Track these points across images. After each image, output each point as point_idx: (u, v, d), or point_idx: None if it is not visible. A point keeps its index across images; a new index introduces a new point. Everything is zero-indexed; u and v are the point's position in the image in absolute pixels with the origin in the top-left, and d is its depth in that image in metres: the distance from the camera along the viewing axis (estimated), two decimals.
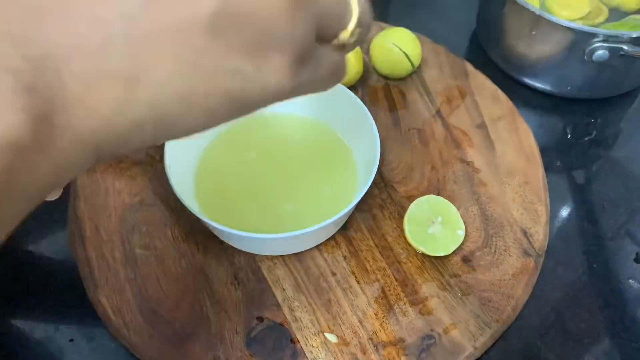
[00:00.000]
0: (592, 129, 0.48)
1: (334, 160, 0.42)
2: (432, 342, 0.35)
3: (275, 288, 0.37)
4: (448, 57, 0.50)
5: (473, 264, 0.38)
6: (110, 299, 0.36)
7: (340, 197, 0.39)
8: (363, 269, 0.38)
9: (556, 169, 0.45)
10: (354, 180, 0.40)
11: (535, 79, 0.50)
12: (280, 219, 0.38)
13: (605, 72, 0.46)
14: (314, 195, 0.40)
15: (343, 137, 0.42)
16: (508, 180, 0.43)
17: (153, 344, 0.34)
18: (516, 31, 0.48)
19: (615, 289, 0.39)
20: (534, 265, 0.38)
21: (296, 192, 0.40)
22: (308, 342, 0.35)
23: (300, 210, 0.39)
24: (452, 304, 0.36)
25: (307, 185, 0.40)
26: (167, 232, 0.39)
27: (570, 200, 0.44)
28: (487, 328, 0.36)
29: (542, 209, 0.41)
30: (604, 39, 0.42)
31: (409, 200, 0.41)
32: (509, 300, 0.37)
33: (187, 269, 0.38)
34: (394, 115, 0.46)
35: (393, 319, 0.36)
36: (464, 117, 0.46)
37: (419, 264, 0.38)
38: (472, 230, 0.40)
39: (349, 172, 0.41)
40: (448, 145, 0.44)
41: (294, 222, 0.38)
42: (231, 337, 0.35)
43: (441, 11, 0.58)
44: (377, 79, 0.49)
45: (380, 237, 0.39)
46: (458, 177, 0.43)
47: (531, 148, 0.44)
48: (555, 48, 0.45)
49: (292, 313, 0.36)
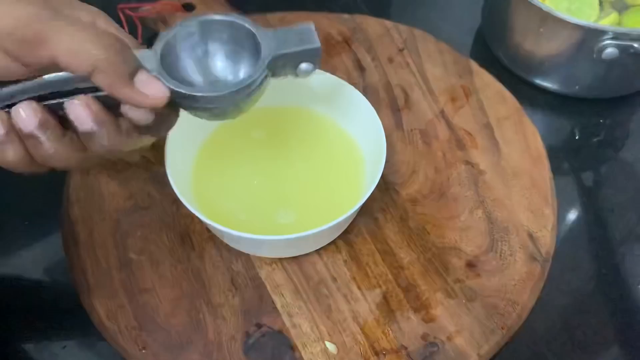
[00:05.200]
0: (601, 130, 0.47)
1: (340, 158, 0.41)
2: (436, 349, 0.34)
3: (274, 294, 0.36)
4: (452, 55, 0.49)
5: (478, 269, 0.37)
6: (104, 305, 0.35)
7: (344, 198, 0.38)
8: (364, 274, 0.37)
9: (564, 170, 0.44)
10: (359, 181, 0.39)
11: (543, 77, 0.49)
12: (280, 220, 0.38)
13: (615, 71, 0.45)
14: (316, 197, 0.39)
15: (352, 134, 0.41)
16: (514, 182, 0.42)
17: (148, 351, 0.34)
18: (523, 28, 0.47)
19: (624, 295, 0.38)
20: (541, 270, 0.38)
21: (297, 193, 0.39)
22: (308, 350, 0.34)
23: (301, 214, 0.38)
24: (456, 311, 0.36)
25: (310, 185, 0.39)
26: (162, 237, 0.38)
27: (578, 203, 0.43)
28: (492, 335, 0.35)
29: (549, 212, 0.40)
30: (614, 36, 0.41)
31: (411, 204, 0.40)
32: (515, 306, 0.36)
33: (183, 274, 0.37)
34: (396, 115, 0.45)
35: (395, 326, 0.35)
36: (468, 117, 0.45)
37: (422, 269, 0.37)
38: (476, 235, 0.39)
39: (355, 172, 0.40)
40: (452, 146, 0.44)
41: (294, 224, 0.37)
42: (229, 344, 0.34)
43: (445, 8, 0.57)
44: (378, 79, 0.48)
45: (382, 242, 0.38)
46: (462, 179, 0.42)
47: (538, 149, 0.43)
48: (563, 46, 0.44)
49: (291, 319, 0.35)
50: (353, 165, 0.40)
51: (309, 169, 0.40)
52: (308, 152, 0.41)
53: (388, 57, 0.49)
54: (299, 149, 0.41)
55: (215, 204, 0.38)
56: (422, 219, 0.40)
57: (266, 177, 0.39)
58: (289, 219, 0.38)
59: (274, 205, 0.38)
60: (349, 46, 0.50)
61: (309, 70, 0.30)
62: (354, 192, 0.38)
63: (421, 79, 0.48)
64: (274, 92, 0.41)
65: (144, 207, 0.39)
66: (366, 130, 0.39)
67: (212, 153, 0.40)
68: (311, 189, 0.39)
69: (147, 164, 0.42)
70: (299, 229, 0.33)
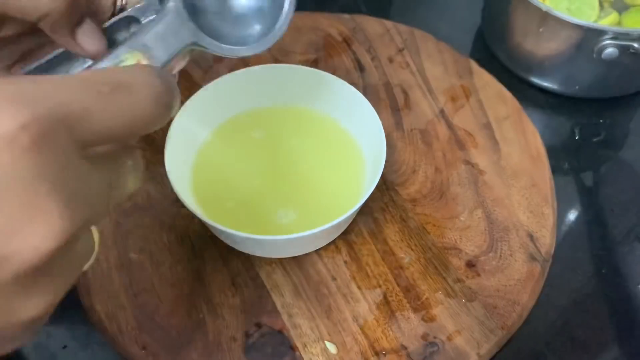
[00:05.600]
0: (600, 130, 0.47)
1: (340, 158, 0.40)
2: (436, 349, 0.34)
3: (274, 294, 0.36)
4: (452, 55, 0.49)
5: (477, 269, 0.37)
6: (104, 305, 0.35)
7: (344, 198, 0.38)
8: (364, 274, 0.37)
9: (564, 170, 0.44)
10: (359, 181, 0.39)
11: (542, 77, 0.49)
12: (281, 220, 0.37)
13: (615, 71, 0.45)
14: (316, 197, 0.39)
15: (353, 134, 0.41)
16: (514, 182, 0.42)
17: (148, 351, 0.34)
18: (523, 28, 0.47)
19: (624, 295, 0.38)
20: (541, 270, 0.37)
21: (297, 192, 0.39)
22: (308, 350, 0.34)
23: (301, 214, 0.38)
24: (456, 310, 0.36)
25: (310, 185, 0.39)
26: (162, 237, 0.38)
27: (578, 203, 0.43)
28: (492, 335, 0.35)
29: (549, 212, 0.40)
30: (614, 36, 0.41)
31: (411, 203, 0.40)
32: (515, 306, 0.36)
33: (183, 274, 0.37)
34: (396, 115, 0.45)
35: (395, 326, 0.35)
36: (468, 117, 0.45)
37: (422, 269, 0.37)
38: (476, 234, 0.39)
39: (355, 172, 0.40)
40: (452, 146, 0.43)
41: (294, 224, 0.37)
42: (229, 344, 0.34)
43: (445, 8, 0.57)
44: (378, 79, 0.48)
45: (382, 242, 0.38)
46: (462, 179, 0.42)
47: (538, 149, 0.43)
48: (563, 46, 0.44)
49: (291, 319, 0.35)
50: (353, 165, 0.40)
51: (309, 168, 0.40)
52: (308, 152, 0.41)
53: (388, 57, 0.49)
54: (298, 149, 0.41)
55: (215, 204, 0.37)
56: (422, 219, 0.40)
57: (266, 177, 0.39)
58: (289, 219, 0.37)
59: (274, 205, 0.38)
60: (349, 46, 0.50)
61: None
62: (354, 192, 0.38)
63: (421, 79, 0.48)
64: (274, 92, 0.41)
65: (144, 207, 0.39)
66: (366, 130, 0.39)
67: (212, 153, 0.40)
68: (311, 189, 0.39)
69: (147, 164, 0.41)
70: (299, 229, 0.32)
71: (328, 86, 0.40)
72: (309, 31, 0.51)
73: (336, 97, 0.40)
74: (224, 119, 0.41)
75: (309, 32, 0.51)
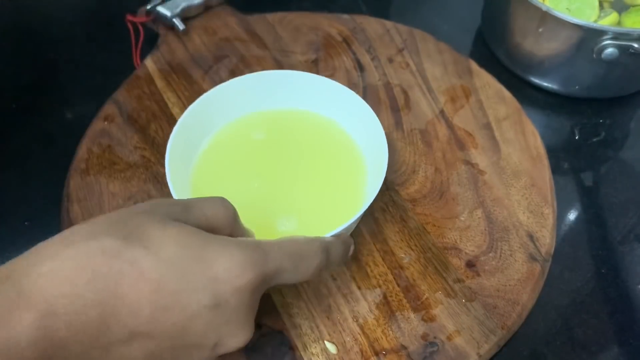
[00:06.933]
0: (600, 130, 0.47)
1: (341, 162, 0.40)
2: (435, 349, 0.34)
3: (274, 294, 0.36)
4: (452, 55, 0.49)
5: (477, 269, 0.37)
6: None
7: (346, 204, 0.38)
8: (364, 274, 0.37)
9: (563, 170, 0.44)
10: (361, 186, 0.39)
11: (542, 77, 0.49)
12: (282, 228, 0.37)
13: (615, 71, 0.45)
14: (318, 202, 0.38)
15: (354, 138, 0.41)
16: (514, 182, 0.42)
17: None
18: (522, 28, 0.47)
19: (624, 295, 0.38)
20: (541, 270, 0.37)
21: (299, 198, 0.39)
22: (308, 350, 0.34)
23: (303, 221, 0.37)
24: (455, 310, 0.36)
25: (311, 190, 0.39)
26: None
27: (578, 203, 0.43)
28: (491, 335, 0.35)
29: (549, 212, 0.40)
30: (614, 36, 0.41)
31: (411, 203, 0.40)
32: (515, 306, 0.36)
33: None
34: (396, 115, 0.45)
35: (395, 326, 0.35)
36: (468, 117, 0.45)
37: (422, 269, 0.37)
38: (476, 234, 0.39)
39: (356, 176, 0.39)
40: (452, 146, 0.43)
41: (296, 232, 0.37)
42: None
43: (445, 8, 0.57)
44: (378, 79, 0.48)
45: (381, 242, 0.38)
46: (462, 179, 0.42)
47: (538, 149, 0.43)
48: (563, 46, 0.44)
49: (291, 319, 0.35)
50: (355, 169, 0.40)
51: (310, 173, 0.40)
52: (309, 155, 0.41)
53: (388, 57, 0.49)
54: (299, 153, 0.41)
55: None
56: (422, 219, 0.40)
57: (267, 182, 0.39)
58: (291, 226, 0.37)
59: (275, 212, 0.38)
60: (349, 46, 0.50)
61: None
62: (355, 197, 0.38)
63: (421, 79, 0.48)
64: (275, 95, 0.42)
65: None
66: (367, 134, 0.39)
67: (213, 156, 0.40)
68: (313, 195, 0.39)
69: (147, 164, 0.41)
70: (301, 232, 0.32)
71: (328, 90, 0.40)
72: (309, 31, 0.51)
73: (337, 100, 0.40)
74: (225, 123, 0.41)
75: (309, 32, 0.51)
